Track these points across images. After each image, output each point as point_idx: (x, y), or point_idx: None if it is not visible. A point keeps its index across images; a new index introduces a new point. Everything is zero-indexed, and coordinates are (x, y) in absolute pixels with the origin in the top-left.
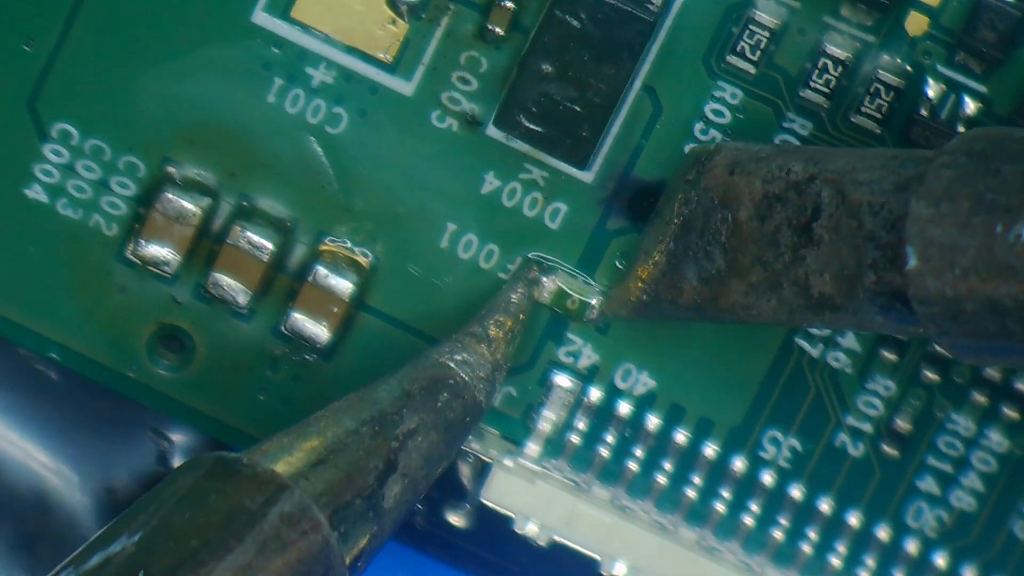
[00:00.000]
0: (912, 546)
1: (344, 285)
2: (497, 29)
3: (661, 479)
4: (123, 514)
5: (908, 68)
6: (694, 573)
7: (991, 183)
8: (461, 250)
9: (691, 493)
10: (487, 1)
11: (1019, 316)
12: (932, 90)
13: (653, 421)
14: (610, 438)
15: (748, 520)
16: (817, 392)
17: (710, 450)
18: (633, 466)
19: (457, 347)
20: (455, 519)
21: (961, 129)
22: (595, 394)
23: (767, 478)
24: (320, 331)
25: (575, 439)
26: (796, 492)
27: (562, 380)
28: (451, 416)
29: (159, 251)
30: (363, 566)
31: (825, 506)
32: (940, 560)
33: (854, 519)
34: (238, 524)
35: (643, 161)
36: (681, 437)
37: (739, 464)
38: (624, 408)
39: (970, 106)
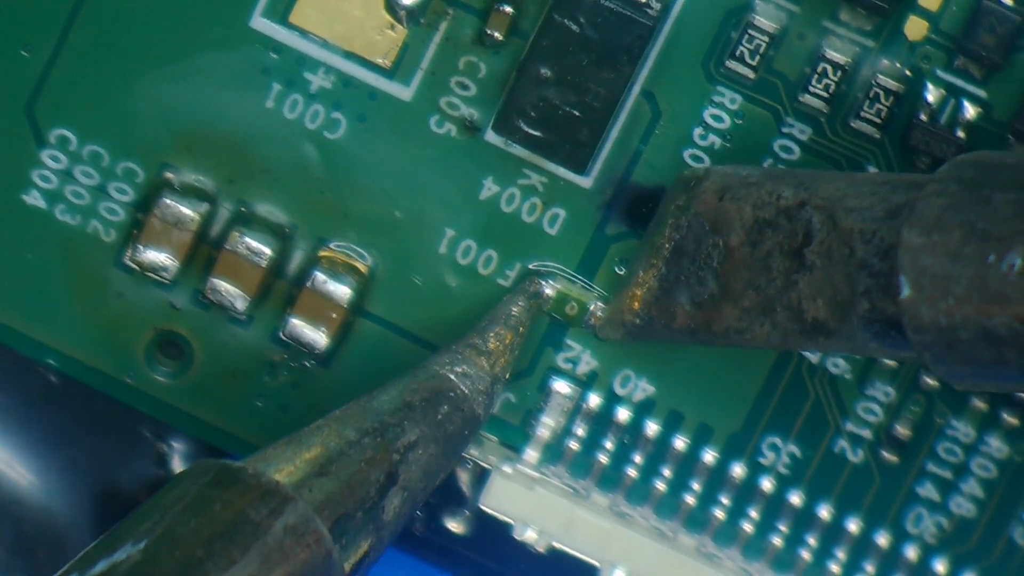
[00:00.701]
0: (912, 552)
1: (343, 291)
2: (496, 34)
3: (660, 485)
4: (126, 519)
5: (908, 73)
6: None
7: (982, 212)
8: (460, 256)
9: (690, 499)
10: (486, 6)
11: (1015, 344)
12: (932, 95)
13: (652, 427)
14: (609, 444)
15: (747, 527)
16: (816, 398)
17: (709, 456)
18: (632, 472)
19: (457, 359)
20: (454, 525)
21: (960, 134)
22: (594, 400)
23: (766, 484)
24: (319, 337)
25: (574, 445)
26: (795, 498)
27: (561, 386)
28: (451, 429)
29: (157, 257)
30: None
31: (825, 512)
32: (940, 566)
33: (854, 525)
34: (242, 535)
35: (642, 166)
36: (680, 443)
37: (738, 470)
38: (623, 414)
39: (970, 111)
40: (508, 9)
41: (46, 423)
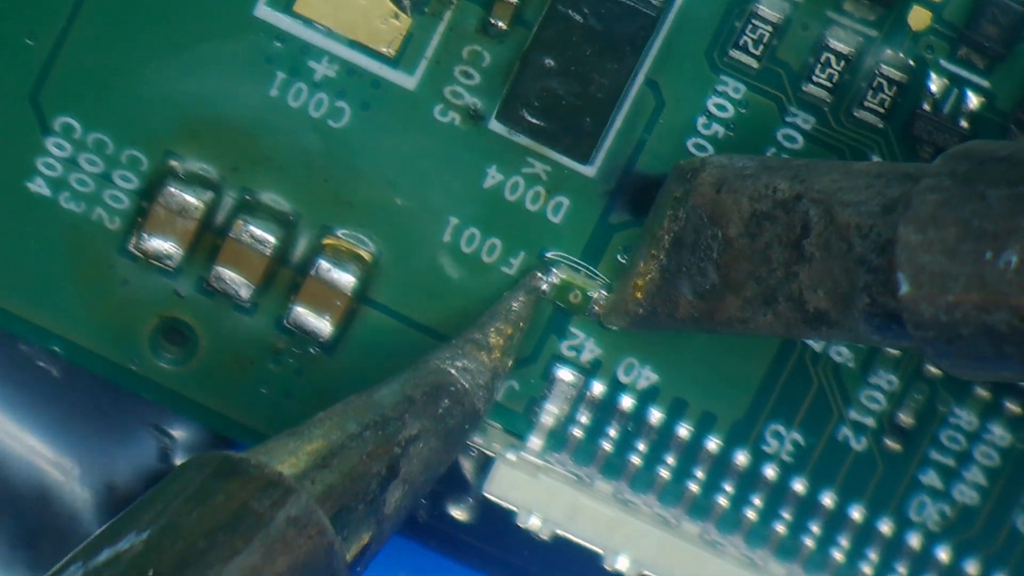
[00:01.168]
0: (915, 540)
1: (346, 279)
2: (500, 23)
3: (664, 473)
4: (129, 510)
5: (911, 63)
6: (696, 567)
7: (977, 209)
8: (463, 244)
9: (694, 487)
10: None
11: (1015, 340)
12: (935, 85)
13: (656, 415)
14: (613, 432)
15: (751, 514)
16: (820, 386)
17: (712, 444)
18: (636, 460)
19: (458, 353)
20: (458, 513)
21: (964, 124)
22: (598, 388)
23: (769, 472)
24: (323, 325)
25: (578, 433)
26: (799, 486)
27: (565, 374)
28: (451, 423)
29: (162, 245)
30: (361, 570)
31: (828, 500)
32: (943, 554)
33: (857, 513)
34: (245, 526)
35: (645, 155)
36: (684, 431)
37: (741, 458)
38: (627, 402)
39: (973, 101)
40: None
41: (49, 411)
